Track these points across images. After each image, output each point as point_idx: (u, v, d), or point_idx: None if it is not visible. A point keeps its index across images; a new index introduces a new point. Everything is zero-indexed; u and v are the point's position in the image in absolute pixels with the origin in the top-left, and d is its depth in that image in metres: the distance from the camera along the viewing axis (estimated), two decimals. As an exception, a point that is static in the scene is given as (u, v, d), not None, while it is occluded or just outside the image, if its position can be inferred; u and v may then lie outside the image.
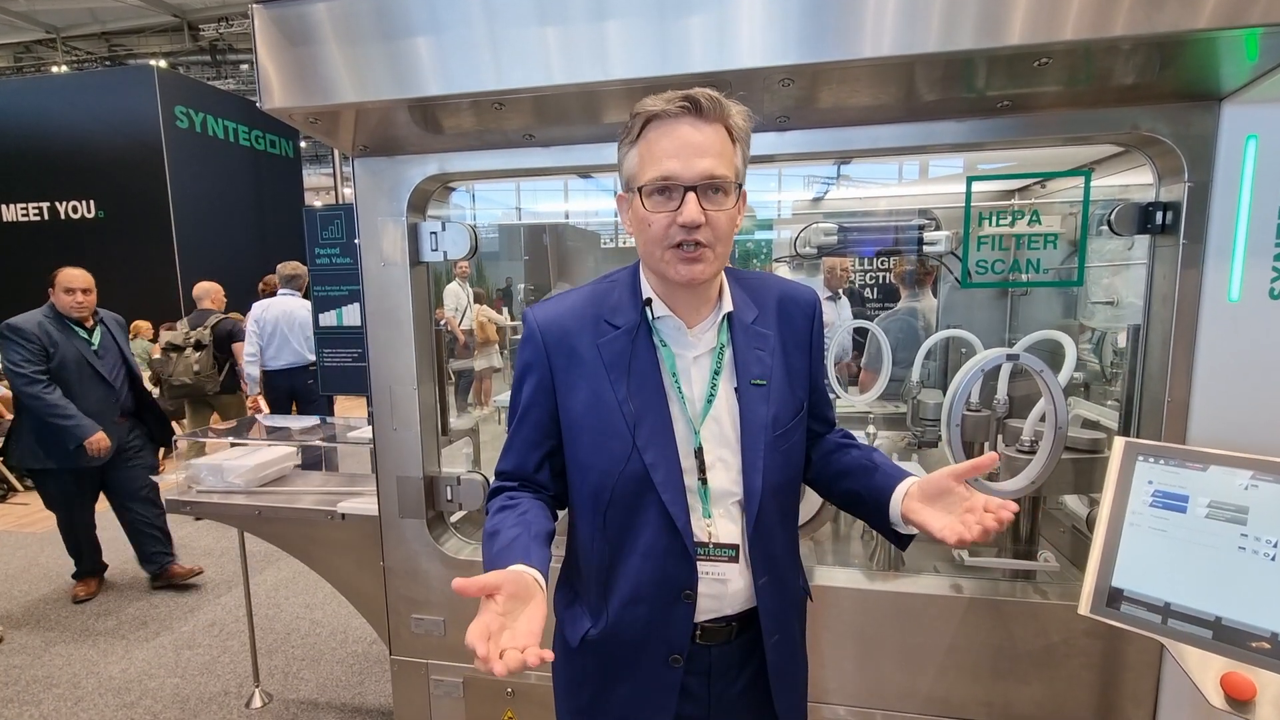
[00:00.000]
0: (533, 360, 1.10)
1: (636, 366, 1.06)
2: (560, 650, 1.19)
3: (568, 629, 1.17)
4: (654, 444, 1.04)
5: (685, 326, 1.08)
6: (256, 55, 1.50)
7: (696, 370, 1.08)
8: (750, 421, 1.06)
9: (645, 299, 1.08)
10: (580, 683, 1.16)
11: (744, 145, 1.04)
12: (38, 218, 10.50)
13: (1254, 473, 1.11)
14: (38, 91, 10.69)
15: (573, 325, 1.09)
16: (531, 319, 1.11)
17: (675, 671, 1.08)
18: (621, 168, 1.08)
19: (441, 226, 1.84)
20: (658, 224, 1.00)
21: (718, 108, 0.99)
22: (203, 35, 14.41)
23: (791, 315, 1.15)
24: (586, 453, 1.08)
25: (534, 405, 1.10)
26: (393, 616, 2.00)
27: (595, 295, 1.12)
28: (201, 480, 2.45)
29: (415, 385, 1.86)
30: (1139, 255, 2.10)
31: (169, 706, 2.78)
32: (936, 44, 1.23)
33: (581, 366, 1.07)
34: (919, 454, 2.37)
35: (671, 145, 0.98)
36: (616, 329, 1.07)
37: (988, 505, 0.93)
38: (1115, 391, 2.27)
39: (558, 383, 1.08)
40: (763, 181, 3.53)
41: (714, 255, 1.01)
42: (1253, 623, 1.04)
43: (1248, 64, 1.26)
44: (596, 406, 1.06)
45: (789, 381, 1.11)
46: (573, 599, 1.19)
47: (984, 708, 1.68)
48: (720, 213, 0.99)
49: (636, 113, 1.02)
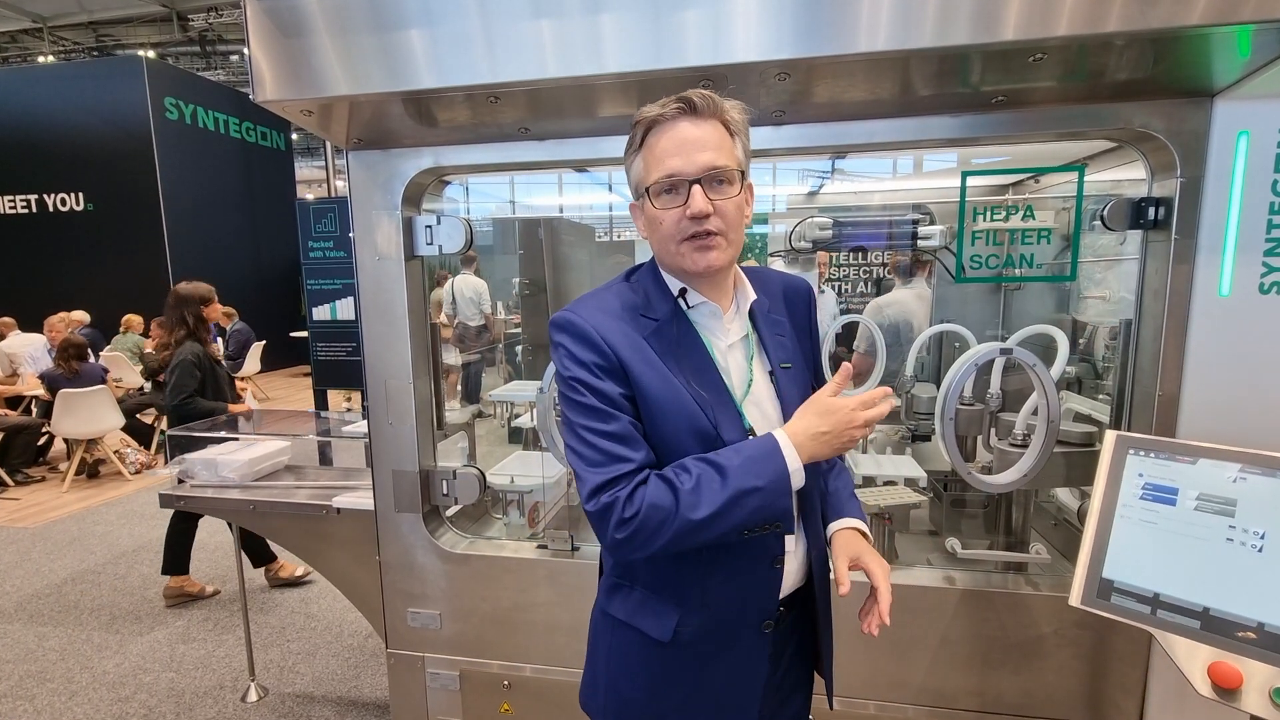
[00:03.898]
0: (599, 359, 1.05)
1: (687, 352, 1.08)
2: (639, 653, 1.15)
3: (650, 627, 1.13)
4: (724, 422, 1.06)
5: (720, 311, 1.11)
6: (249, 47, 1.48)
7: (731, 357, 1.12)
8: (788, 401, 1.11)
9: (680, 288, 1.11)
10: (666, 682, 1.14)
11: (743, 137, 1.07)
12: (25, 210, 10.39)
13: (1242, 466, 1.13)
14: (25, 82, 10.55)
15: (621, 320, 1.08)
16: (579, 321, 1.07)
17: (768, 637, 1.13)
18: (629, 178, 1.10)
19: (437, 220, 1.83)
20: (669, 220, 1.03)
21: (711, 105, 1.02)
22: (191, 25, 14.24)
23: (794, 304, 1.22)
24: (672, 438, 1.06)
25: (621, 400, 1.05)
26: (389, 610, 2.00)
27: (620, 293, 1.12)
28: (195, 475, 2.45)
29: (410, 380, 1.86)
30: (1130, 250, 2.12)
31: (164, 701, 2.77)
32: (931, 39, 1.24)
33: (644, 355, 1.07)
34: (913, 447, 2.38)
35: (672, 144, 1.01)
36: (656, 321, 1.09)
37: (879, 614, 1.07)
38: (1106, 385, 2.29)
39: (632, 374, 1.06)
40: (757, 176, 3.53)
41: (727, 242, 1.04)
42: (1240, 613, 1.06)
43: (1240, 60, 1.27)
44: (671, 390, 1.06)
45: (804, 365, 1.19)
46: (647, 596, 1.15)
47: (975, 697, 1.70)
48: (727, 201, 1.02)
49: (636, 121, 1.05)
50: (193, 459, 2.46)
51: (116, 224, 10.13)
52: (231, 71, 15.52)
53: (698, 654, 1.14)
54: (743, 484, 0.97)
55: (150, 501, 5.26)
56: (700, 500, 0.97)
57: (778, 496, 0.99)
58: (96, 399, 5.66)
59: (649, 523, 0.98)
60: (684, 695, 1.15)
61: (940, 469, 2.17)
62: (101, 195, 10.18)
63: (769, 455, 1.00)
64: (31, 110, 10.17)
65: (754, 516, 1.00)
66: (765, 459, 0.99)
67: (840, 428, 1.00)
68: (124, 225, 10.12)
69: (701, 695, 1.15)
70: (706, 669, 1.14)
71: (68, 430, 5.70)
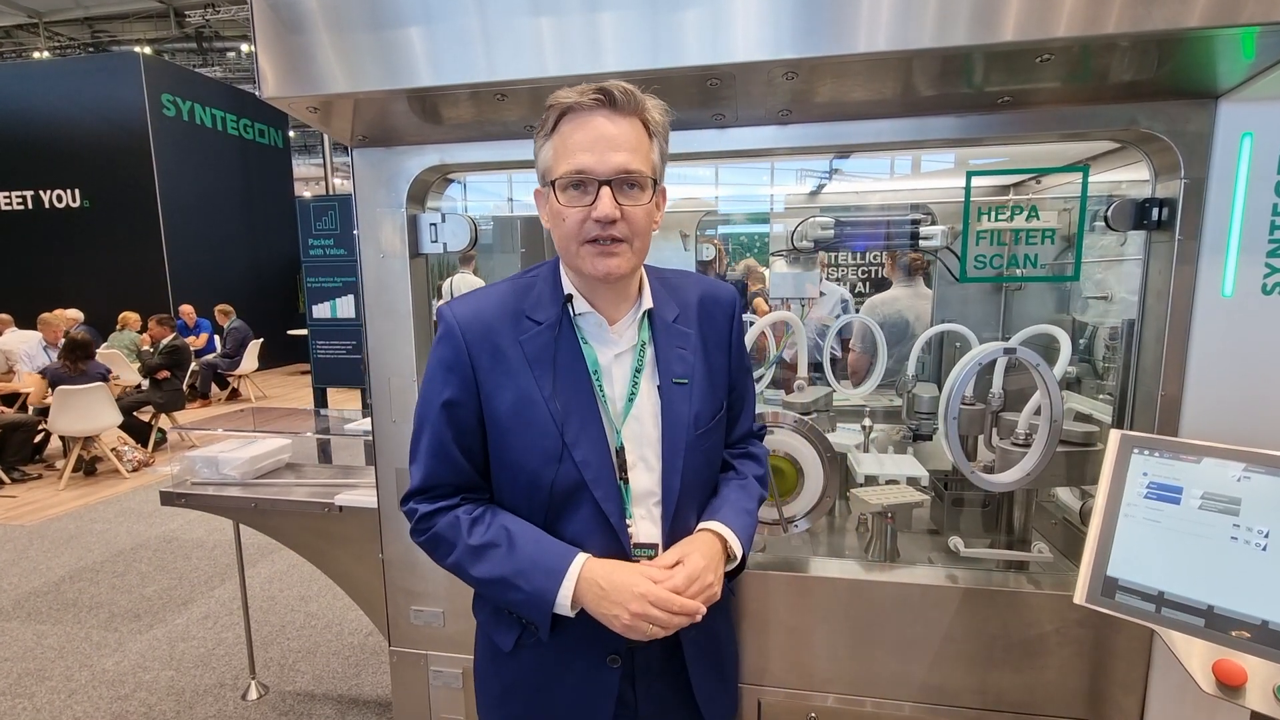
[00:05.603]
0: (452, 359, 1.04)
1: (561, 362, 1.03)
2: (487, 659, 1.16)
3: (496, 635, 1.13)
4: (583, 441, 1.01)
5: (606, 323, 1.06)
6: (255, 43, 1.48)
7: (618, 368, 1.07)
8: (672, 420, 1.05)
9: (566, 295, 1.06)
10: (511, 691, 1.13)
11: (661, 140, 1.02)
12: (21, 207, 10.35)
13: (1246, 465, 1.13)
14: (20, 77, 10.51)
15: (494, 321, 1.05)
16: (450, 315, 1.05)
17: (614, 672, 1.07)
18: (537, 162, 1.05)
19: (441, 218, 1.83)
20: (572, 219, 0.98)
21: (633, 101, 0.97)
22: (188, 21, 14.19)
23: (713, 314, 1.14)
24: (516, 452, 1.04)
25: (457, 405, 1.04)
26: (392, 608, 2.00)
27: (516, 290, 1.09)
28: (196, 472, 2.44)
29: (415, 378, 1.86)
30: (1130, 251, 2.13)
31: (164, 699, 2.77)
32: (931, 39, 1.24)
33: (505, 363, 1.03)
34: (914, 447, 2.39)
35: (585, 138, 0.96)
36: (539, 324, 1.05)
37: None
38: (1106, 385, 2.30)
39: (480, 380, 1.03)
40: (757, 175, 3.54)
41: (631, 250, 0.99)
42: (1244, 611, 1.07)
43: (1244, 62, 1.27)
44: (523, 404, 1.02)
45: (710, 381, 1.10)
46: (494, 609, 1.14)
47: (976, 695, 1.70)
48: (636, 208, 0.97)
49: (550, 104, 1.00)
50: (194, 456, 2.45)
51: (113, 221, 10.11)
52: (228, 68, 15.46)
53: (539, 674, 1.10)
54: (515, 579, 0.99)
55: (147, 500, 5.25)
56: (480, 561, 1.01)
57: (531, 609, 1.00)
58: (94, 396, 5.65)
59: (431, 548, 1.06)
60: (524, 706, 1.12)
61: (940, 468, 2.18)
62: (98, 192, 10.15)
63: (548, 573, 0.98)
64: (28, 106, 10.14)
65: (515, 607, 1.04)
66: (545, 575, 0.98)
67: (614, 601, 0.96)
68: (120, 222, 10.10)
69: (540, 713, 1.11)
70: (546, 693, 1.10)
71: (65, 428, 5.68)
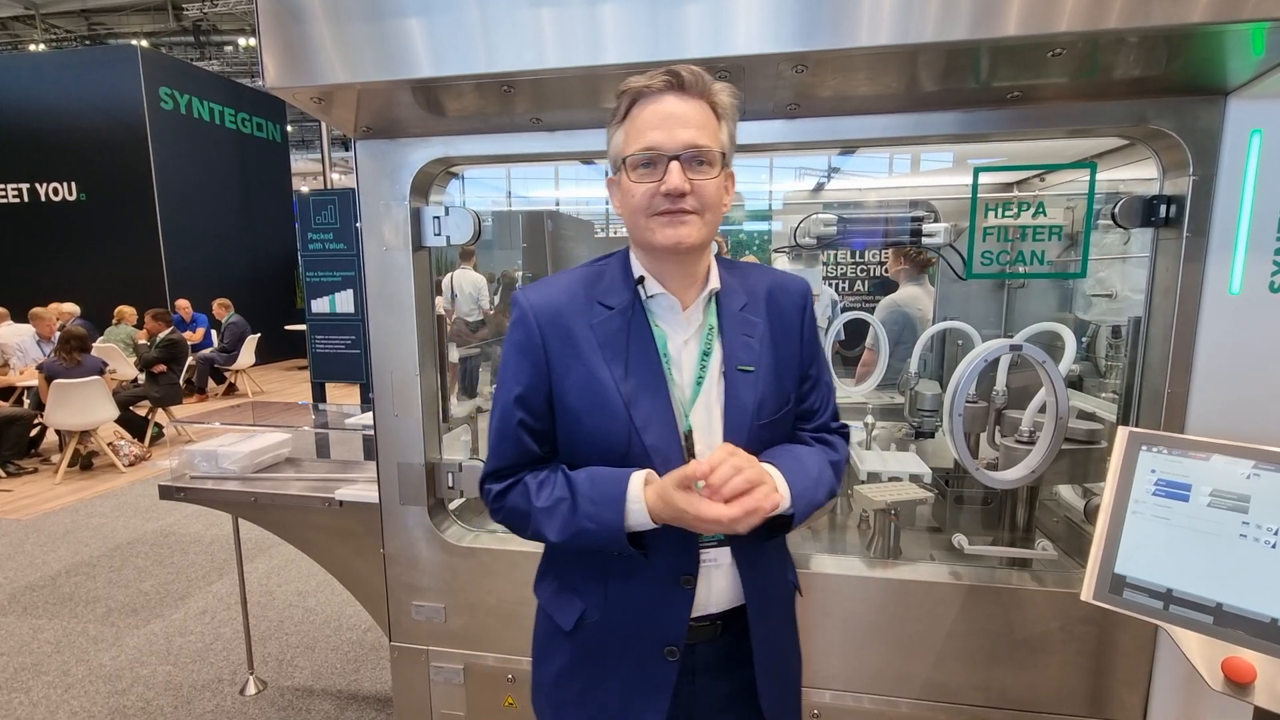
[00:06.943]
0: (525, 343, 1.06)
1: (633, 346, 1.04)
2: (548, 638, 1.16)
3: (558, 615, 1.14)
4: (652, 425, 1.02)
5: (679, 305, 1.07)
6: (259, 33, 1.47)
7: (686, 354, 1.07)
8: (734, 407, 1.05)
9: (638, 277, 1.07)
10: (572, 672, 1.13)
11: (730, 123, 1.02)
12: (16, 199, 10.28)
13: (1255, 462, 1.13)
14: (17, 69, 10.43)
15: (566, 306, 1.06)
16: (524, 301, 1.07)
17: (671, 666, 1.05)
18: (609, 150, 1.06)
19: (445, 211, 1.82)
20: (641, 193, 0.98)
21: (700, 83, 0.98)
22: (186, 15, 14.11)
23: (781, 305, 1.13)
24: (585, 434, 1.05)
25: (531, 390, 1.06)
26: (393, 603, 1.99)
27: (587, 277, 1.10)
28: (195, 466, 2.43)
29: (417, 371, 1.85)
30: (1135, 249, 2.12)
31: (161, 694, 2.76)
32: (933, 34, 1.22)
33: (576, 348, 1.04)
34: (916, 444, 2.39)
35: (654, 118, 0.97)
36: (610, 309, 1.06)
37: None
38: (1110, 383, 2.30)
39: (553, 365, 1.05)
40: (754, 174, 3.54)
41: (701, 222, 0.99)
42: (1253, 609, 1.07)
43: (1254, 59, 1.27)
44: (593, 387, 1.03)
45: (777, 372, 1.09)
46: (560, 586, 1.15)
47: (980, 693, 1.70)
48: (707, 181, 0.98)
49: (622, 90, 1.01)
50: (194, 450, 2.44)
51: (110, 214, 10.04)
52: (226, 62, 15.39)
53: (598, 655, 1.09)
54: (581, 523, 1.00)
55: (144, 494, 5.22)
56: (551, 523, 1.02)
57: (610, 540, 1.00)
58: (90, 390, 5.62)
59: (512, 524, 1.09)
60: (580, 691, 1.12)
61: (942, 465, 2.17)
62: (95, 185, 10.09)
63: (610, 501, 0.98)
64: (24, 98, 10.07)
65: (605, 548, 1.03)
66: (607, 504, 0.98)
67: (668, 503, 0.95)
68: (117, 216, 10.03)
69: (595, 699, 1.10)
70: (602, 681, 1.09)
71: (61, 422, 5.65)
